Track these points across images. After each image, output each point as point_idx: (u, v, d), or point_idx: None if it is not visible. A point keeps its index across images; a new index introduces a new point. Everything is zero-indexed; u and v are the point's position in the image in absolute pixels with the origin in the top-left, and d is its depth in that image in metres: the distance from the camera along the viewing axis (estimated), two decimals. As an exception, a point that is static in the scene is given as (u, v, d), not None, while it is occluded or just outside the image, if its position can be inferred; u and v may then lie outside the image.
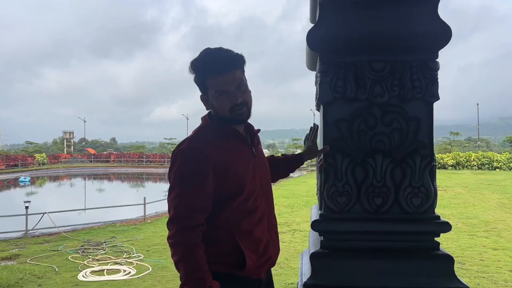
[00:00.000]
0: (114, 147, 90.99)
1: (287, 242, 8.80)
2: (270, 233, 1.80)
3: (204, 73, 1.68)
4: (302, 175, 30.99)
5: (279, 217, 11.83)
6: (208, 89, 1.70)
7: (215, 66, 1.66)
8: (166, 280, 6.20)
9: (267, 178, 1.88)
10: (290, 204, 14.77)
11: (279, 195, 17.69)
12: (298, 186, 21.42)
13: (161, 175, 41.25)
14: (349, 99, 2.04)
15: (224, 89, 1.67)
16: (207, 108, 1.79)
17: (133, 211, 13.41)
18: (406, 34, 1.97)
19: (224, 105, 1.68)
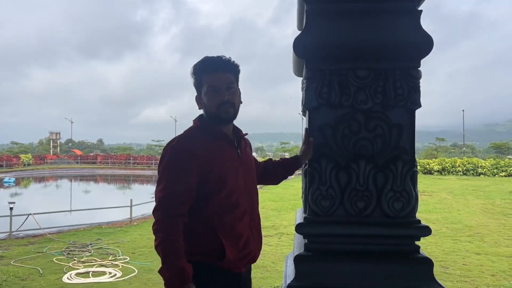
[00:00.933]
0: (101, 148, 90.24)
1: (273, 245, 8.84)
2: (251, 229, 1.92)
3: (201, 71, 1.87)
4: (289, 179, 31.06)
5: (266, 220, 11.91)
6: (202, 86, 1.88)
7: (210, 65, 1.86)
8: (152, 283, 6.19)
9: (251, 178, 2.01)
10: (277, 208, 14.81)
11: (266, 199, 17.72)
12: (285, 190, 21.48)
13: (148, 177, 41.02)
14: (334, 105, 2.09)
15: (215, 85, 1.84)
16: (200, 107, 1.94)
17: (119, 213, 13.34)
18: (390, 44, 2.03)
19: (214, 101, 1.85)
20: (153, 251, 8.22)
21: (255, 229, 1.96)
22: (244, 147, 2.04)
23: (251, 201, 1.96)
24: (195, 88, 1.94)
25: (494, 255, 7.94)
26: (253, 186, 2.03)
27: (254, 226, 1.96)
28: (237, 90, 1.94)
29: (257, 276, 6.52)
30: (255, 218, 1.98)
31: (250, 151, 2.12)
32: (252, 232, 1.93)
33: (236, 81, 1.94)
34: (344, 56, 2.07)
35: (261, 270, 6.88)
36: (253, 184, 2.03)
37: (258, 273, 6.71)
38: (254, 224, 1.96)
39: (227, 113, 1.87)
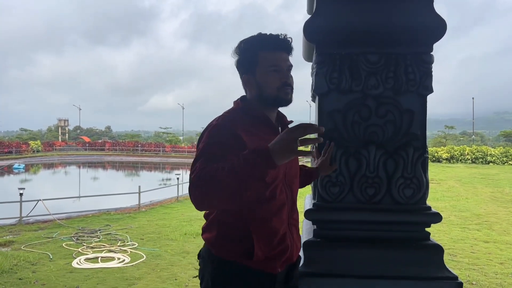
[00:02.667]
0: (109, 135, 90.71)
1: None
2: (289, 226, 1.70)
3: (258, 47, 1.65)
4: (297, 166, 31.08)
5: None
6: (258, 65, 1.65)
7: (273, 42, 1.65)
8: (160, 268, 6.24)
9: (292, 170, 1.76)
10: (285, 195, 14.84)
11: (273, 186, 17.74)
12: (292, 177, 21.51)
13: (156, 164, 41.23)
14: (344, 90, 2.07)
15: (278, 64, 1.65)
16: (249, 88, 1.72)
17: (127, 199, 13.44)
18: (401, 27, 1.99)
19: (274, 82, 1.64)
20: (161, 237, 8.32)
21: (294, 226, 1.74)
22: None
23: (292, 194, 1.74)
24: (242, 66, 1.70)
25: (503, 243, 7.90)
26: (295, 179, 1.79)
27: (293, 223, 1.74)
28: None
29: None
30: (294, 214, 1.76)
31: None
32: (290, 229, 1.70)
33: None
34: (354, 41, 2.03)
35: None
36: (294, 177, 1.79)
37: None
38: (293, 221, 1.74)
39: (288, 95, 1.67)
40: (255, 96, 1.70)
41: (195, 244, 7.76)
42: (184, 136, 75.96)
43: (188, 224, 9.65)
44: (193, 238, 8.26)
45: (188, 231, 8.82)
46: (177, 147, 52.68)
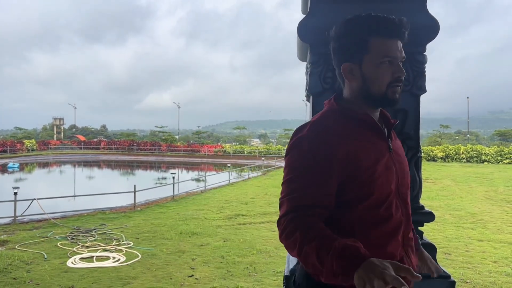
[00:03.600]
0: (104, 134, 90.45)
1: (276, 231, 8.87)
2: (405, 248, 1.39)
3: (371, 30, 1.34)
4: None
5: (270, 207, 11.97)
6: (368, 53, 1.35)
7: (389, 25, 1.34)
8: (155, 268, 6.24)
9: (405, 180, 1.45)
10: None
11: (269, 185, 17.78)
12: (288, 176, 21.51)
13: (152, 163, 41.16)
14: (339, 91, 2.07)
15: (393, 55, 1.34)
16: (349, 82, 1.42)
17: (123, 199, 13.41)
18: (395, 27, 1.99)
19: (385, 76, 1.35)
20: (157, 236, 8.32)
21: (409, 247, 1.42)
22: (394, 139, 1.50)
23: (406, 210, 1.42)
24: (345, 52, 1.39)
25: (497, 242, 7.95)
26: (407, 188, 1.46)
27: (409, 244, 1.42)
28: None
29: (259, 261, 6.57)
30: (409, 232, 1.44)
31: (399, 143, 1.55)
32: (406, 252, 1.39)
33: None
34: (349, 40, 2.04)
35: (264, 255, 6.93)
36: (407, 188, 1.46)
37: (261, 258, 6.76)
38: (409, 241, 1.42)
39: (396, 93, 1.37)
40: (356, 91, 1.41)
41: (190, 243, 7.77)
42: (180, 135, 75.84)
43: (183, 223, 9.64)
44: (188, 237, 8.26)
45: (183, 230, 8.82)
46: (173, 146, 52.62)
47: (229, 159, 41.15)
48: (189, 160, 43.55)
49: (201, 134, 70.77)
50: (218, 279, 5.69)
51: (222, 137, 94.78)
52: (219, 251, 7.20)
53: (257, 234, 8.57)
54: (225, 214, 10.98)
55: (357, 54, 1.36)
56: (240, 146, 52.62)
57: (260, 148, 50.60)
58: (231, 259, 6.66)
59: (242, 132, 72.57)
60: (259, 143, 69.20)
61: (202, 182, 19.40)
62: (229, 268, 6.22)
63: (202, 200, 13.76)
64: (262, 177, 22.40)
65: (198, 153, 47.63)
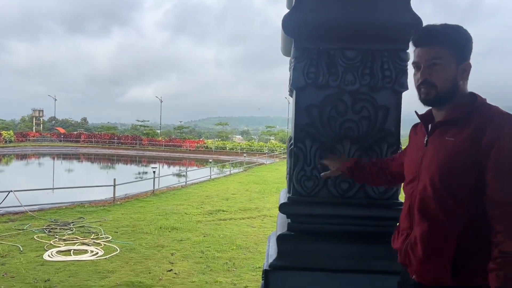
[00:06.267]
0: (85, 127, 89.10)
1: (257, 227, 8.90)
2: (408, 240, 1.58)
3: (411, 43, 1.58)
4: (274, 162, 31.22)
5: (250, 203, 11.96)
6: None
7: (416, 37, 1.55)
8: (134, 262, 6.18)
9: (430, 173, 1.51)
10: (261, 190, 14.88)
11: (250, 181, 17.80)
12: (270, 173, 21.58)
13: (133, 157, 40.78)
14: (321, 85, 2.08)
15: (416, 61, 1.55)
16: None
17: (102, 192, 13.25)
18: (378, 24, 2.01)
19: (414, 80, 1.57)
20: (136, 230, 8.24)
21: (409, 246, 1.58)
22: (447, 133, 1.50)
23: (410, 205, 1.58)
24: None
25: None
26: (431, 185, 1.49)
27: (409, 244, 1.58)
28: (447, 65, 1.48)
29: (239, 257, 6.57)
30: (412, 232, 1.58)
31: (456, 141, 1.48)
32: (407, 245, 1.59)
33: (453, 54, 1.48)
34: (332, 36, 2.05)
35: (243, 251, 6.93)
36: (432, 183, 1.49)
37: (240, 253, 6.76)
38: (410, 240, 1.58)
39: (427, 94, 1.51)
40: None
41: (170, 238, 7.72)
42: (161, 130, 75.30)
43: (163, 218, 9.58)
44: (168, 232, 8.21)
45: (163, 225, 8.76)
46: (154, 141, 52.20)
47: (211, 154, 41.03)
48: (170, 155, 43.27)
49: (183, 129, 70.37)
50: (197, 274, 5.67)
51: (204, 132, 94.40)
52: (198, 246, 7.17)
53: (237, 230, 8.56)
54: (206, 209, 10.94)
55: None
56: (222, 142, 52.55)
57: (242, 144, 50.60)
58: (211, 254, 6.65)
59: (224, 128, 72.44)
60: (241, 140, 69.20)
61: (183, 177, 19.30)
62: (208, 263, 6.20)
63: (183, 195, 13.68)
64: (244, 174, 22.41)
65: (179, 148, 47.35)
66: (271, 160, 33.44)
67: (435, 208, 1.47)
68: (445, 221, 1.45)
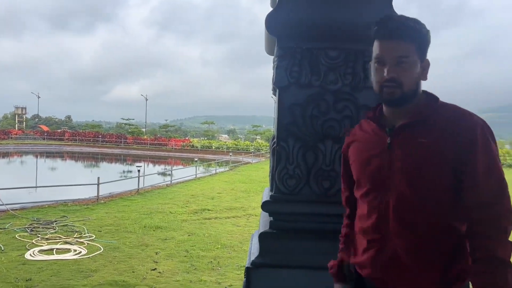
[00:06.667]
0: (69, 125, 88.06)
1: (242, 226, 8.91)
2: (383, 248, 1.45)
3: (374, 33, 1.44)
4: (260, 161, 31.26)
5: (236, 202, 11.96)
6: (372, 53, 1.46)
7: (383, 27, 1.40)
8: (117, 261, 6.14)
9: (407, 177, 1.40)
10: (247, 189, 14.89)
11: (236, 180, 17.79)
12: (255, 172, 21.60)
13: (117, 156, 40.43)
14: (304, 84, 2.10)
15: (381, 56, 1.40)
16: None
17: (86, 191, 13.11)
18: (360, 24, 2.03)
19: (377, 76, 1.43)
20: (120, 229, 8.18)
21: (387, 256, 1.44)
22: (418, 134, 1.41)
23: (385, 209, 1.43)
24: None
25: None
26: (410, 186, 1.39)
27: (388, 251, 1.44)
28: (414, 63, 1.39)
29: (224, 255, 6.57)
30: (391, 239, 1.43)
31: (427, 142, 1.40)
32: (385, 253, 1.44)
33: (418, 51, 1.39)
34: (315, 35, 2.07)
35: (228, 250, 6.93)
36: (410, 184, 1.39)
37: (225, 252, 6.76)
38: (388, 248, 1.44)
39: (391, 94, 1.40)
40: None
41: (154, 237, 7.68)
42: (147, 128, 74.77)
43: (148, 217, 9.52)
44: (152, 231, 8.17)
45: (147, 224, 8.71)
46: (139, 139, 51.86)
47: (197, 153, 40.89)
48: (155, 153, 43.01)
49: (168, 127, 70.00)
50: (181, 273, 5.66)
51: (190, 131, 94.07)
52: (183, 245, 7.15)
53: (222, 229, 8.56)
54: (191, 208, 10.91)
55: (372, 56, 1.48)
56: (208, 141, 52.40)
57: (228, 143, 50.55)
58: (195, 253, 6.64)
59: (210, 127, 72.29)
60: (228, 139, 69.12)
61: (168, 176, 19.21)
62: (193, 262, 6.19)
63: (168, 194, 13.62)
64: (229, 173, 22.39)
65: (165, 147, 47.12)
66: (257, 159, 33.48)
67: (418, 216, 1.38)
68: (432, 228, 1.38)
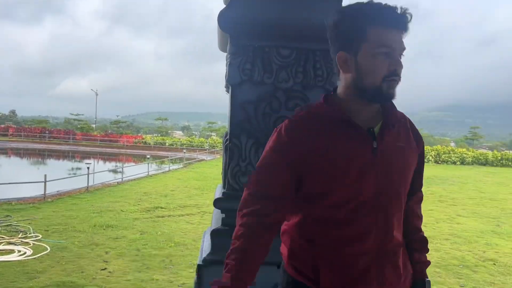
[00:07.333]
0: (13, 120, 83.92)
1: (195, 224, 8.86)
2: (379, 261, 1.31)
3: (370, 19, 1.26)
4: (215, 158, 31.15)
5: (190, 199, 11.89)
6: (364, 42, 1.27)
7: (389, 15, 1.25)
8: (65, 261, 5.93)
9: (392, 187, 1.34)
10: (201, 187, 14.81)
11: (190, 178, 17.65)
12: (210, 169, 21.50)
13: (65, 153, 39.02)
14: (256, 82, 2.11)
15: (391, 46, 1.27)
16: (344, 72, 1.33)
17: (32, 189, 12.57)
18: (311, 24, 2.07)
19: (382, 68, 1.27)
20: (68, 229, 7.92)
21: (389, 262, 1.33)
22: (394, 140, 1.36)
23: (385, 219, 1.32)
24: (341, 40, 1.32)
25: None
26: (395, 198, 1.35)
27: (388, 257, 1.33)
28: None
29: (177, 254, 6.51)
30: (389, 244, 1.33)
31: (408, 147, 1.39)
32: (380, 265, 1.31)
33: None
34: (267, 34, 2.09)
35: (181, 248, 6.87)
36: (394, 195, 1.35)
37: (178, 251, 6.70)
38: (387, 254, 1.33)
39: (392, 89, 1.29)
40: (350, 84, 1.33)
41: (105, 236, 7.49)
42: (97, 124, 72.62)
43: (98, 215, 9.27)
44: (103, 230, 7.96)
45: (97, 222, 8.48)
46: (89, 135, 50.29)
47: (150, 150, 40.14)
48: (106, 150, 41.82)
49: (120, 123, 68.31)
50: (132, 272, 5.55)
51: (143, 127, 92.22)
52: (135, 244, 7.02)
53: (176, 227, 8.47)
54: (143, 206, 10.72)
55: (353, 43, 1.29)
56: (161, 137, 51.62)
57: (182, 140, 49.98)
58: (147, 252, 6.53)
59: (164, 123, 71.24)
60: (182, 135, 68.37)
61: (120, 173, 18.76)
62: (144, 261, 6.09)
63: (119, 192, 13.31)
64: (183, 170, 22.17)
65: (116, 144, 45.93)
66: (212, 156, 33.33)
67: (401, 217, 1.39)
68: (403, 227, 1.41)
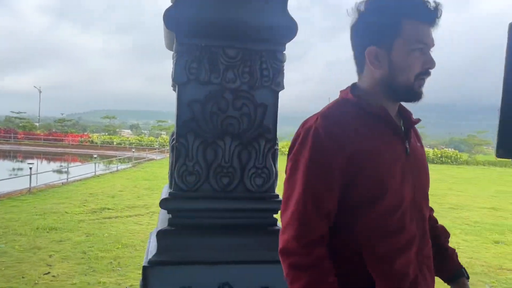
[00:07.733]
0: None
1: (144, 224, 8.70)
2: (420, 266, 1.25)
3: (403, 12, 1.16)
4: (165, 158, 30.66)
5: (139, 200, 11.66)
6: (398, 37, 1.17)
7: (422, 8, 1.16)
8: (4, 266, 5.65)
9: (423, 189, 1.31)
10: (151, 187, 14.54)
11: (139, 177, 17.29)
12: (160, 169, 21.14)
13: (6, 152, 37.07)
14: (203, 81, 2.11)
15: (428, 43, 1.18)
16: (374, 69, 1.22)
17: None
18: (256, 25, 2.10)
19: (416, 66, 1.18)
20: (8, 232, 7.56)
21: (425, 265, 1.27)
22: (415, 140, 1.32)
23: (423, 223, 1.28)
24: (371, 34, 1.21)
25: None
26: (425, 199, 1.31)
27: (424, 261, 1.27)
28: None
29: (124, 255, 6.37)
30: (425, 248, 1.28)
31: (422, 147, 1.37)
32: (421, 270, 1.25)
33: None
34: (214, 33, 2.09)
35: (129, 249, 6.73)
36: (424, 196, 1.31)
37: (126, 252, 6.56)
38: (424, 258, 1.27)
39: (422, 87, 1.21)
40: (378, 81, 1.23)
41: (48, 239, 7.19)
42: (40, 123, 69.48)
43: (41, 217, 8.88)
44: (46, 232, 7.64)
45: (40, 225, 8.12)
46: (31, 134, 48.02)
47: (97, 150, 38.88)
48: (50, 150, 40.09)
49: (65, 122, 65.74)
50: (78, 276, 5.38)
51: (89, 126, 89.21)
52: (80, 246, 6.79)
53: (124, 228, 8.28)
54: (89, 207, 10.38)
55: (387, 37, 1.19)
56: (109, 136, 50.17)
57: (131, 139, 48.84)
58: (94, 255, 6.34)
59: (112, 122, 69.20)
60: (131, 134, 66.79)
61: (65, 174, 18.07)
62: (91, 263, 5.91)
63: (64, 193, 12.81)
64: (132, 169, 21.67)
65: (61, 143, 44.17)
66: (162, 156, 32.79)
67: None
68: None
